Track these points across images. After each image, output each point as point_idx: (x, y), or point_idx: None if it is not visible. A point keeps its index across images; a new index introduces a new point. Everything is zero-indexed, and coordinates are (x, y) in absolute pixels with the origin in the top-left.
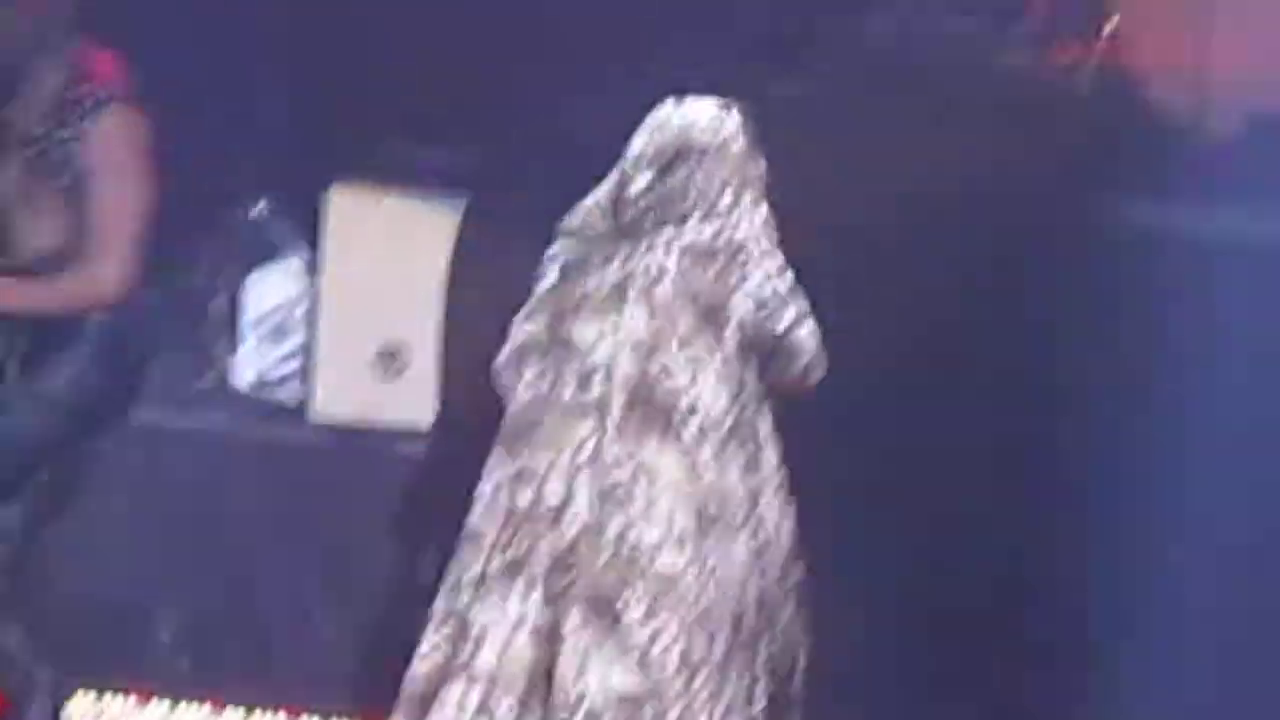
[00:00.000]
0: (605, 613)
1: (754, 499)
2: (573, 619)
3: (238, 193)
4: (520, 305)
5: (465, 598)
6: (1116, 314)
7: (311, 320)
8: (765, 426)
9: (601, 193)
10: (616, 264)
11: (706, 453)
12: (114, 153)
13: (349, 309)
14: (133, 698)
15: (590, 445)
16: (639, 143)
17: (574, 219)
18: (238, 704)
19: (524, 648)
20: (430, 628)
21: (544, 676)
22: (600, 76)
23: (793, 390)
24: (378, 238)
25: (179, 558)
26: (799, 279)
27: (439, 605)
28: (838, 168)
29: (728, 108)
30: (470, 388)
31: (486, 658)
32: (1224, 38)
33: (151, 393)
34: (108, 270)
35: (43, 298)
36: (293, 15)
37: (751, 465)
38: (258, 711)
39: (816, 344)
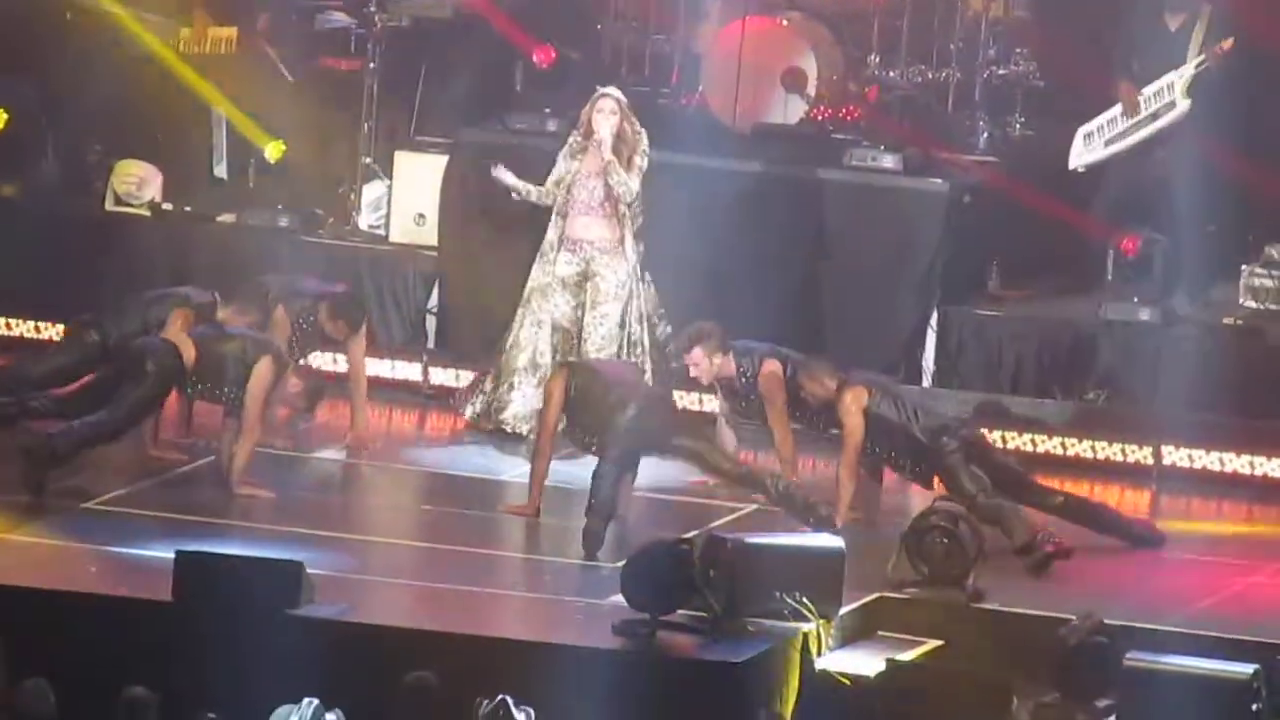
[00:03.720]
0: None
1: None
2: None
3: (362, 157)
4: (466, 197)
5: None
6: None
7: (389, 203)
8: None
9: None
10: (592, 147)
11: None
12: None
13: (402, 199)
14: None
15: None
16: (587, 106)
17: (570, 140)
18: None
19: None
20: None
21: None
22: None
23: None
24: (416, 170)
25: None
26: None
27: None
28: None
29: (617, 89)
30: (451, 232)
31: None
32: (742, 101)
33: (330, 230)
34: None
35: None
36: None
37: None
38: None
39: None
